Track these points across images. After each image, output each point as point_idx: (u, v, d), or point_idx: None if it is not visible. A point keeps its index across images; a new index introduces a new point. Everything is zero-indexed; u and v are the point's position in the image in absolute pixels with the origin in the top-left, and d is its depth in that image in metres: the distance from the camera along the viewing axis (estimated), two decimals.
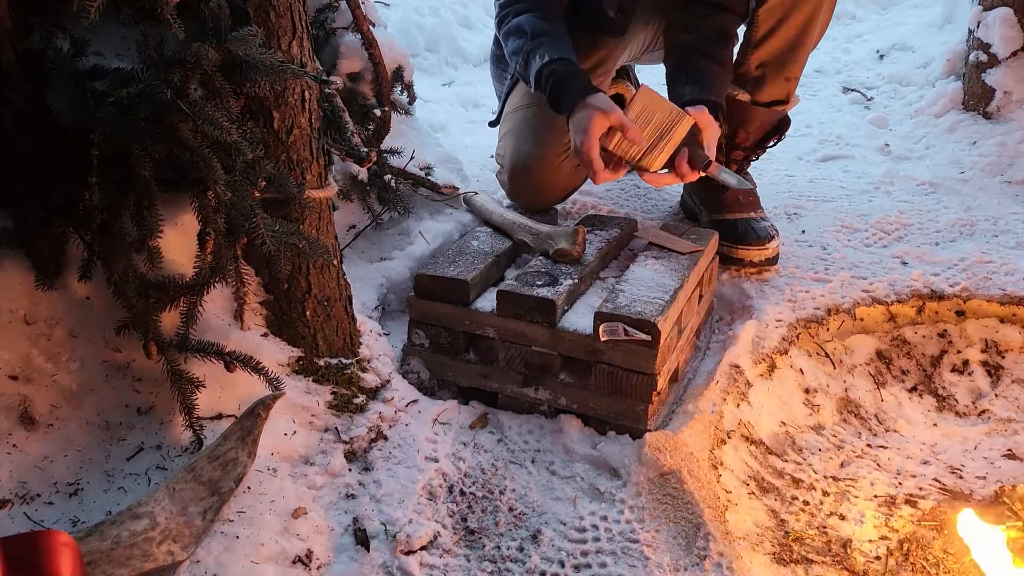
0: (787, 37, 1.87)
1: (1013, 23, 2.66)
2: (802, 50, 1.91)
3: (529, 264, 1.63)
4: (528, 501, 1.36)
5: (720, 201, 2.00)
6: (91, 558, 1.04)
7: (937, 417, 1.74)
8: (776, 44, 1.88)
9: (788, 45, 1.88)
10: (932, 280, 1.91)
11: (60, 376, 1.26)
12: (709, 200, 2.03)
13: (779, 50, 1.89)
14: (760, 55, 1.90)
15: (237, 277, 1.30)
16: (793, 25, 1.86)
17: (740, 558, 1.27)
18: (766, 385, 1.70)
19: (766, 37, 1.88)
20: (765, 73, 1.92)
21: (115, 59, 1.26)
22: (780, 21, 1.86)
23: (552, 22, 1.80)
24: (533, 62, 1.74)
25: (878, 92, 3.24)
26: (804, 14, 1.84)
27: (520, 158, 1.93)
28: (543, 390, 1.52)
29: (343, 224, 1.87)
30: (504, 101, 2.09)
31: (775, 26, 1.86)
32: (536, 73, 1.72)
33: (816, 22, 1.87)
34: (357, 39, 1.91)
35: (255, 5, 1.25)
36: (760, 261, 1.94)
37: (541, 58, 1.72)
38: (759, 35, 1.89)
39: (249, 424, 1.24)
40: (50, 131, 1.15)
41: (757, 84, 1.93)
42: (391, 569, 1.22)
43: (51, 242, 1.25)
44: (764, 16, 1.86)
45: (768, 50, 1.89)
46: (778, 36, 1.87)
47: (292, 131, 1.35)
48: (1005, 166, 2.49)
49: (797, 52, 1.91)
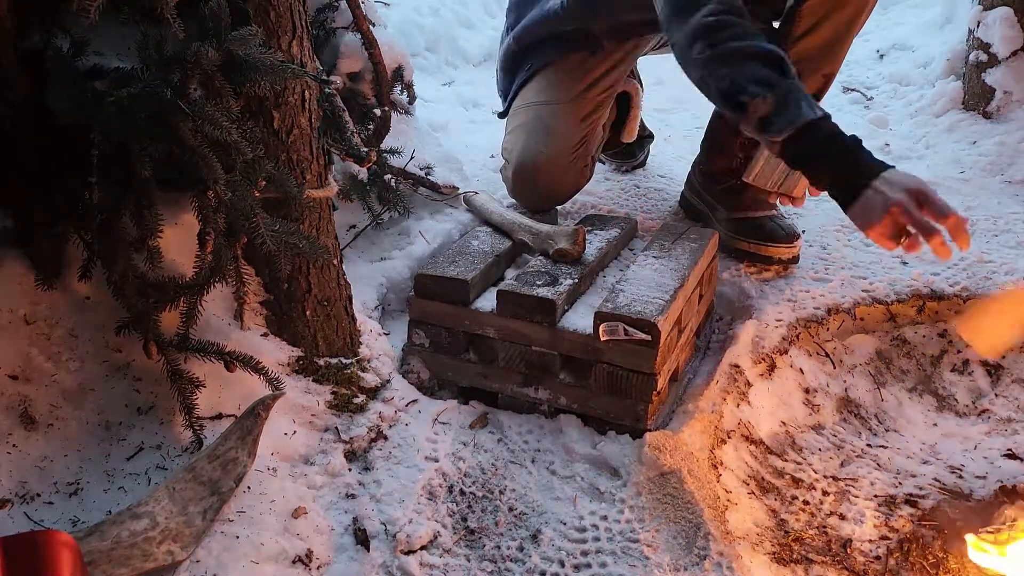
0: (829, 33, 1.82)
1: (1013, 23, 2.66)
2: (841, 48, 1.86)
3: (529, 264, 1.63)
4: (528, 501, 1.36)
5: (741, 200, 1.99)
6: (91, 558, 1.04)
7: (937, 417, 1.74)
8: (816, 40, 1.82)
9: (828, 42, 1.83)
10: (932, 280, 1.91)
11: (60, 376, 1.26)
12: (728, 199, 2.01)
13: (820, 45, 1.83)
14: (800, 50, 1.83)
15: (237, 277, 1.30)
16: (837, 21, 1.80)
17: (740, 558, 1.27)
18: (766, 385, 1.70)
19: (807, 33, 1.82)
20: (803, 68, 1.86)
21: (115, 59, 1.26)
22: (823, 18, 1.80)
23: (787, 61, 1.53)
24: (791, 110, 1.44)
25: (878, 92, 3.24)
26: (848, 13, 1.79)
27: (528, 155, 1.92)
28: (543, 390, 1.52)
29: (343, 224, 1.87)
30: (515, 94, 2.06)
31: (816, 23, 1.81)
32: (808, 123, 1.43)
33: (858, 22, 1.83)
34: (357, 39, 1.91)
35: (255, 5, 1.25)
36: (788, 259, 1.94)
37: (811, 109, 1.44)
38: (800, 31, 1.83)
39: (249, 424, 1.24)
40: (50, 131, 1.15)
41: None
42: (391, 569, 1.22)
43: (51, 242, 1.25)
44: (807, 12, 1.80)
45: (808, 45, 1.83)
46: (819, 33, 1.81)
47: (292, 131, 1.35)
48: (1005, 166, 2.49)
49: (836, 49, 1.85)
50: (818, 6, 1.80)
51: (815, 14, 1.80)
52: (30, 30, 1.18)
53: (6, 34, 1.12)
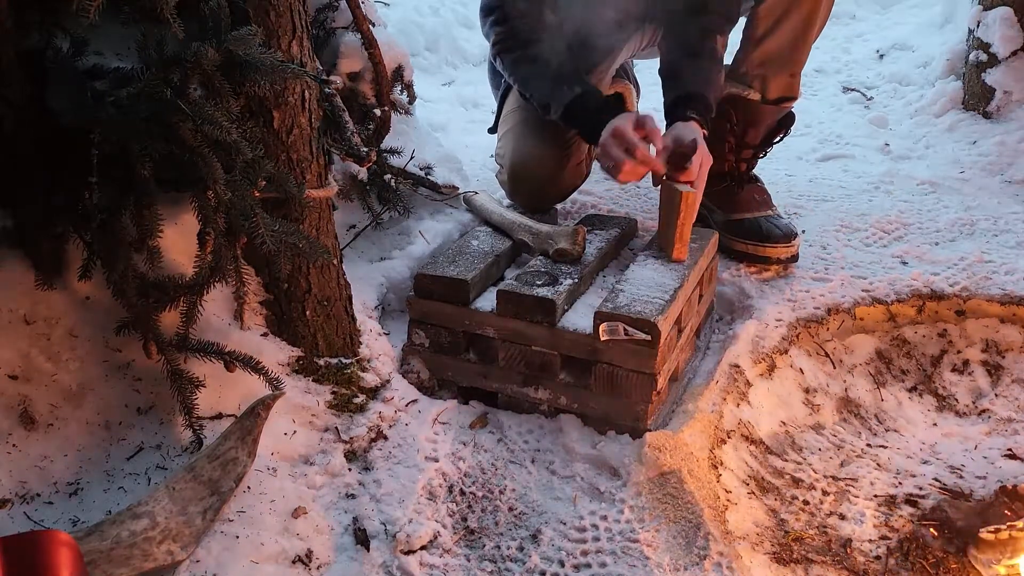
0: (787, 34, 1.88)
1: (1013, 23, 2.66)
2: (804, 46, 1.91)
3: (529, 264, 1.63)
4: (528, 501, 1.36)
5: (737, 200, 2.00)
6: (91, 558, 1.04)
7: (937, 417, 1.74)
8: (777, 41, 1.89)
9: (789, 42, 1.89)
10: (932, 280, 1.91)
11: (60, 376, 1.26)
12: (724, 200, 2.03)
13: (780, 47, 1.89)
14: (761, 53, 1.90)
15: (237, 277, 1.30)
16: (793, 22, 1.86)
17: (740, 558, 1.27)
18: (766, 385, 1.70)
19: (766, 35, 1.88)
20: (768, 71, 1.92)
21: (115, 59, 1.26)
22: (780, 18, 1.86)
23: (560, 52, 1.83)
24: (559, 93, 1.77)
25: (878, 92, 3.24)
26: (804, 11, 1.85)
27: (520, 158, 1.93)
28: (543, 390, 1.52)
29: (343, 224, 1.87)
30: (501, 104, 2.09)
31: (775, 23, 1.87)
32: (568, 105, 1.76)
33: (816, 17, 1.87)
34: (357, 39, 1.90)
35: (255, 5, 1.25)
36: (787, 258, 1.94)
37: (570, 90, 1.76)
38: (759, 33, 1.89)
39: (249, 424, 1.24)
40: (50, 131, 1.15)
41: (763, 82, 1.93)
42: (391, 569, 1.22)
43: (51, 242, 1.25)
44: (764, 14, 1.87)
45: (769, 47, 1.90)
46: (778, 34, 1.88)
47: (292, 131, 1.35)
48: (1005, 165, 2.49)
49: (799, 48, 1.91)
50: (774, 7, 1.85)
51: (773, 13, 1.86)
52: (30, 30, 1.18)
53: (6, 34, 1.12)
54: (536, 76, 1.83)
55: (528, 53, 1.85)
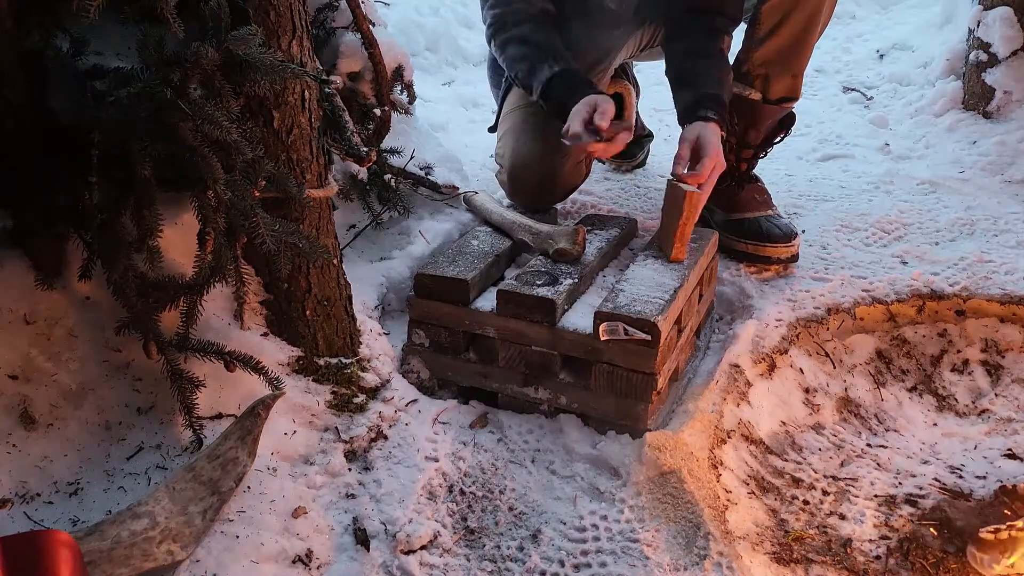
0: (790, 34, 1.87)
1: (1013, 23, 2.66)
2: (806, 46, 1.91)
3: (529, 264, 1.63)
4: (528, 501, 1.36)
5: (736, 200, 2.00)
6: (91, 558, 1.04)
7: (937, 417, 1.74)
8: (779, 41, 1.88)
9: (791, 42, 1.89)
10: (932, 279, 1.91)
11: (60, 376, 1.26)
12: (724, 200, 2.02)
13: (783, 47, 1.89)
14: (764, 52, 1.90)
15: (237, 277, 1.30)
16: (796, 22, 1.86)
17: (740, 558, 1.27)
18: (766, 385, 1.70)
19: (769, 35, 1.88)
20: (771, 70, 1.92)
21: (115, 59, 1.26)
22: (783, 18, 1.86)
23: (550, 33, 1.87)
24: (540, 71, 1.80)
25: (878, 92, 3.24)
26: (807, 11, 1.85)
27: (519, 157, 1.93)
28: (543, 390, 1.52)
29: (343, 224, 1.87)
30: (501, 104, 2.09)
31: (778, 23, 1.87)
32: (545, 82, 1.79)
33: (819, 18, 1.87)
34: (357, 38, 1.91)
35: (255, 5, 1.25)
36: (787, 258, 1.95)
37: (550, 68, 1.79)
38: (762, 33, 1.89)
39: (249, 424, 1.24)
40: (50, 131, 1.15)
41: (765, 82, 1.93)
42: (391, 569, 1.22)
43: (51, 242, 1.25)
44: (767, 13, 1.87)
45: (772, 47, 1.89)
46: (781, 33, 1.88)
47: (292, 131, 1.35)
48: (1005, 165, 2.49)
49: (801, 48, 1.91)
50: (778, 5, 1.85)
51: (776, 13, 1.86)
52: (30, 30, 1.18)
53: (6, 34, 1.12)
54: (522, 57, 1.86)
55: (518, 32, 1.87)
